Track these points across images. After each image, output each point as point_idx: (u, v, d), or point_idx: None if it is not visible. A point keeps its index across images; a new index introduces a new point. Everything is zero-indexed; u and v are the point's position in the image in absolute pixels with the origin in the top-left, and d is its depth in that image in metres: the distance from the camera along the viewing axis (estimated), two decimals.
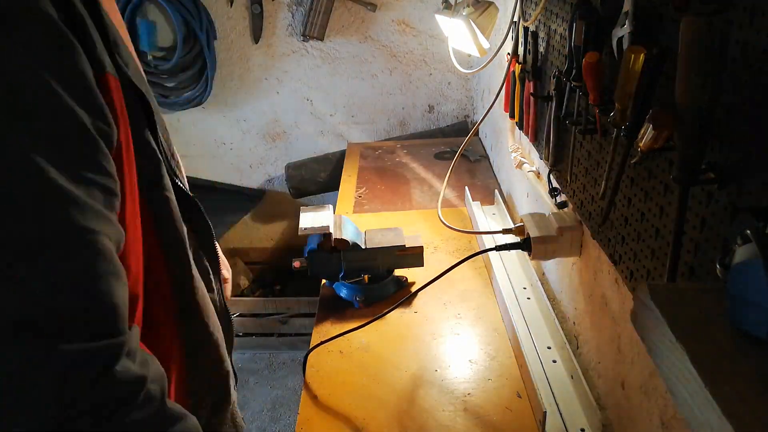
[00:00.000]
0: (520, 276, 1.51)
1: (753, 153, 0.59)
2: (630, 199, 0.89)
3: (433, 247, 1.71)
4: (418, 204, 2.00)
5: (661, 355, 0.47)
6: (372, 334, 1.33)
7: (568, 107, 1.12)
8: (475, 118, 2.71)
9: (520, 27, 1.42)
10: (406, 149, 2.47)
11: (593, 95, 0.92)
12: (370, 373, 1.26)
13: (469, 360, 1.29)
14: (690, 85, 0.59)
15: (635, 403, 0.93)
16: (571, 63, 1.03)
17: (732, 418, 0.37)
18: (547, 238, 1.19)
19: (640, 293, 0.50)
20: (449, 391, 1.20)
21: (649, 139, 0.71)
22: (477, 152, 2.36)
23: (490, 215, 1.83)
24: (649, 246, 0.83)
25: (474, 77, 2.64)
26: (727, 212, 0.63)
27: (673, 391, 0.45)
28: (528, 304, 1.40)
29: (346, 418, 1.15)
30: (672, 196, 0.76)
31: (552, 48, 1.25)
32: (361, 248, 1.44)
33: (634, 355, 0.93)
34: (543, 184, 1.40)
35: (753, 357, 0.43)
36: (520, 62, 1.45)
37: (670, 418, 0.80)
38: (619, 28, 0.84)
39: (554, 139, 1.23)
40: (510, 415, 1.14)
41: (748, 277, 0.44)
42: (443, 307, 1.46)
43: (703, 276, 0.69)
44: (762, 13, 0.56)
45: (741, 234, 0.46)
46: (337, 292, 1.51)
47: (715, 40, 0.55)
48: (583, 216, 1.12)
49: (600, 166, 1.00)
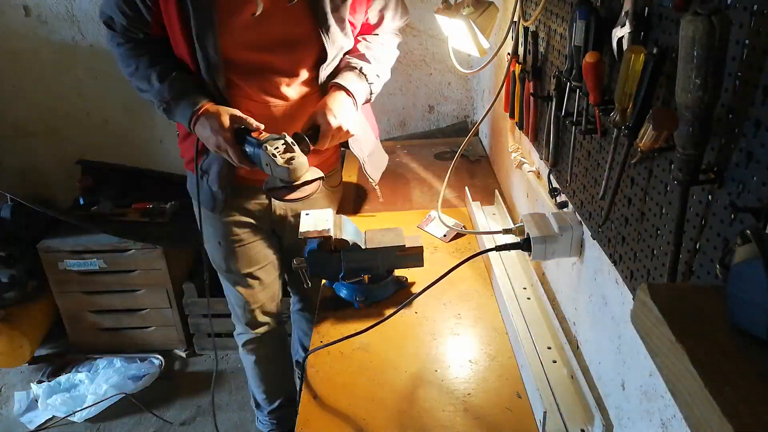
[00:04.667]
0: (520, 276, 1.51)
1: (753, 153, 0.59)
2: (630, 199, 0.89)
3: (433, 247, 1.71)
4: (418, 204, 2.00)
5: (661, 355, 0.46)
6: (372, 335, 1.33)
7: (568, 107, 1.12)
8: (475, 118, 2.71)
9: (520, 27, 1.42)
10: (406, 149, 2.47)
11: (593, 95, 0.92)
12: (370, 373, 1.26)
13: (469, 360, 1.29)
14: (690, 85, 0.59)
15: (635, 404, 0.93)
16: (571, 63, 1.03)
17: (732, 418, 0.37)
18: (547, 238, 1.19)
19: (640, 293, 0.50)
20: (449, 391, 1.20)
21: (649, 139, 0.71)
22: (477, 152, 2.36)
23: (490, 215, 1.83)
24: (649, 246, 0.83)
25: (474, 77, 2.64)
26: (727, 212, 0.63)
27: (673, 391, 0.45)
28: (528, 304, 1.40)
29: (346, 418, 1.15)
30: (672, 196, 0.75)
31: (552, 48, 1.25)
32: (361, 248, 1.44)
33: (634, 355, 0.93)
34: (543, 184, 1.40)
35: (753, 357, 0.43)
36: (520, 62, 1.44)
37: (670, 418, 0.80)
38: (619, 28, 0.84)
39: (554, 139, 1.23)
40: (510, 415, 1.14)
41: (748, 277, 0.43)
42: (443, 307, 1.46)
43: (703, 276, 0.69)
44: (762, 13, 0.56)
45: (741, 234, 0.46)
46: (337, 293, 1.51)
47: (715, 40, 0.55)
48: (583, 216, 1.12)
49: (600, 166, 1.00)
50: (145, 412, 2.36)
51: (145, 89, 1.40)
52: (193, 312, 2.58)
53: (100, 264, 2.47)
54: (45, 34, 2.58)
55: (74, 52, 2.61)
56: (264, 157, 1.28)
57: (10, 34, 2.57)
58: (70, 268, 2.48)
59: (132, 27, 1.36)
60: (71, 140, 2.78)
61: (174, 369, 2.63)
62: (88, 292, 2.56)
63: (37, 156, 2.81)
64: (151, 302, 2.58)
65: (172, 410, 2.39)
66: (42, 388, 2.40)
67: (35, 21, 2.55)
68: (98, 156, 2.78)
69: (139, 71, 1.39)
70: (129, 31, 1.38)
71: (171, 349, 2.69)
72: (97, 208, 2.53)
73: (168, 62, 1.39)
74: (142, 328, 2.64)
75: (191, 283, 2.53)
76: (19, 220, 2.55)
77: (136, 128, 2.77)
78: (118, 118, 2.75)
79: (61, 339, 2.71)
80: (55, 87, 2.68)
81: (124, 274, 2.50)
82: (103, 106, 2.73)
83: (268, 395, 1.93)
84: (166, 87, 1.36)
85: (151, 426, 2.32)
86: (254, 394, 1.94)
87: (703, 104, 0.59)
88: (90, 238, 2.45)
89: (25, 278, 2.54)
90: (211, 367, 2.61)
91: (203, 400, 2.43)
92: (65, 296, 2.57)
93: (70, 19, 2.56)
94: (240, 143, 1.33)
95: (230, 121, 1.31)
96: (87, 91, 2.69)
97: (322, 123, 1.37)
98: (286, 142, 1.29)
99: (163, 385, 2.50)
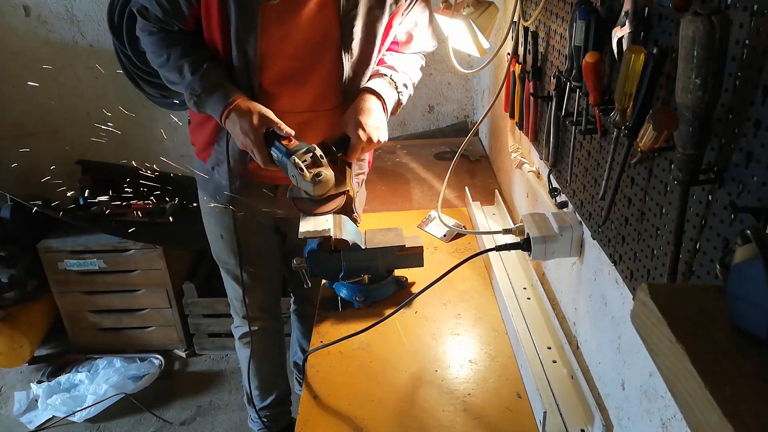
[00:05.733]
0: (520, 276, 1.51)
1: (753, 153, 0.59)
2: (630, 199, 0.89)
3: (433, 247, 1.71)
4: (418, 204, 2.00)
5: (661, 355, 0.46)
6: (372, 335, 1.33)
7: (568, 107, 1.12)
8: (475, 118, 2.71)
9: (520, 27, 1.42)
10: (406, 149, 2.47)
11: (593, 95, 0.92)
12: (370, 373, 1.26)
13: (469, 360, 1.29)
14: (690, 85, 0.59)
15: (635, 403, 0.93)
16: (571, 63, 1.03)
17: (732, 418, 0.37)
18: (547, 238, 1.19)
19: (640, 293, 0.50)
20: (449, 391, 1.20)
21: (649, 139, 0.71)
22: (477, 152, 2.36)
23: (490, 215, 1.83)
24: (649, 246, 0.83)
25: (474, 77, 2.64)
26: (727, 212, 0.63)
27: (673, 391, 0.45)
28: (528, 304, 1.40)
29: (346, 418, 1.15)
30: (672, 196, 0.75)
31: (552, 48, 1.25)
32: (361, 248, 1.44)
33: (634, 355, 0.93)
34: (543, 184, 1.40)
35: (753, 357, 0.43)
36: (520, 62, 1.44)
37: (670, 418, 0.80)
38: (619, 28, 0.84)
39: (554, 139, 1.23)
40: (510, 415, 1.14)
41: (748, 277, 0.43)
42: (443, 307, 1.46)
43: (703, 276, 0.69)
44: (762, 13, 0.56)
45: (741, 234, 0.46)
46: (337, 293, 1.51)
47: (715, 40, 0.55)
48: (583, 216, 1.12)
49: (600, 166, 1.00)
50: (145, 412, 2.36)
51: (175, 81, 1.38)
52: (193, 312, 2.58)
53: (100, 264, 2.47)
54: (45, 34, 2.58)
55: (74, 52, 2.61)
56: (290, 169, 1.24)
57: (10, 34, 2.57)
58: (70, 268, 2.48)
59: (166, 19, 1.35)
60: (71, 140, 2.78)
61: (174, 369, 2.62)
62: (88, 292, 2.56)
63: (37, 156, 2.81)
64: (151, 302, 2.58)
65: (172, 410, 2.39)
66: (42, 388, 2.40)
67: (35, 21, 2.55)
68: (98, 156, 2.78)
69: (170, 62, 1.37)
70: (162, 22, 1.36)
71: (171, 349, 2.69)
72: (97, 208, 2.53)
73: (200, 54, 1.37)
74: (142, 328, 2.64)
75: (191, 283, 2.53)
76: (19, 220, 2.55)
77: (136, 128, 2.77)
78: (118, 118, 2.75)
79: (61, 339, 2.71)
80: (55, 87, 2.68)
81: (124, 274, 2.50)
82: (103, 106, 2.72)
83: (260, 390, 1.93)
84: (197, 79, 1.33)
85: (151, 426, 2.32)
86: (247, 389, 1.94)
87: (703, 104, 0.59)
88: (90, 238, 2.45)
89: (25, 278, 2.54)
90: (211, 367, 2.62)
91: (203, 400, 2.43)
92: (65, 296, 2.57)
93: (70, 19, 2.56)
94: (268, 145, 1.31)
95: (261, 123, 1.29)
96: (87, 91, 2.69)
97: (352, 136, 1.34)
98: (315, 155, 1.25)
99: (163, 385, 2.50)
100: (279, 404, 1.97)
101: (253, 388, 1.93)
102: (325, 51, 1.38)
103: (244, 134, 1.30)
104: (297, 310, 2.02)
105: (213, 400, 2.43)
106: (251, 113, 1.30)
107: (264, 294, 1.78)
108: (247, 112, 1.30)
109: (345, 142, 1.34)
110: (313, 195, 1.26)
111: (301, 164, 1.23)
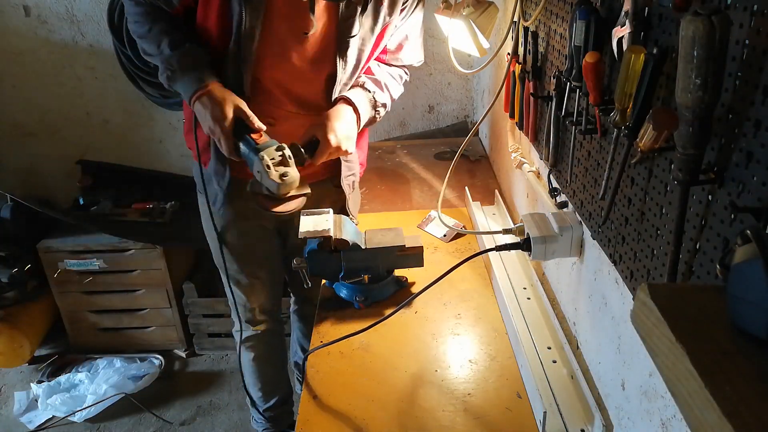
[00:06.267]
0: (520, 276, 1.51)
1: (753, 153, 0.59)
2: (630, 199, 0.89)
3: (433, 247, 1.71)
4: (418, 204, 2.00)
5: (661, 355, 0.46)
6: (372, 335, 1.33)
7: (568, 107, 1.12)
8: (475, 118, 2.71)
9: (520, 27, 1.42)
10: (406, 149, 2.47)
11: (593, 95, 0.92)
12: (370, 373, 1.26)
13: (469, 360, 1.29)
14: (690, 85, 0.59)
15: (635, 403, 0.93)
16: (571, 63, 1.03)
17: (732, 418, 0.37)
18: (547, 238, 1.19)
19: (640, 293, 0.50)
20: (449, 391, 1.20)
21: (649, 139, 0.71)
22: (477, 152, 2.36)
23: (490, 215, 1.83)
24: (649, 246, 0.83)
25: (474, 77, 2.64)
26: (727, 212, 0.63)
27: (673, 391, 0.45)
28: (528, 304, 1.40)
29: (346, 418, 1.15)
30: (672, 196, 0.75)
31: (552, 48, 1.25)
32: (361, 248, 1.44)
33: (634, 355, 0.93)
34: (543, 184, 1.40)
35: (753, 357, 0.43)
36: (520, 62, 1.44)
37: (670, 418, 0.80)
38: (619, 28, 0.84)
39: (554, 139, 1.23)
40: (510, 415, 1.14)
41: (748, 277, 0.43)
42: (443, 307, 1.46)
43: (703, 276, 0.69)
44: (762, 13, 0.56)
45: (741, 234, 0.46)
46: (337, 293, 1.51)
47: (715, 40, 0.55)
48: (583, 216, 1.12)
49: (600, 166, 1.00)
50: (145, 412, 2.36)
51: (152, 53, 1.37)
52: (193, 312, 2.58)
53: (100, 264, 2.47)
54: (45, 34, 2.58)
55: (74, 52, 2.61)
56: (257, 165, 1.25)
57: (10, 34, 2.57)
58: (70, 268, 2.48)
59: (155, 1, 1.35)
60: (71, 140, 2.78)
61: (174, 369, 2.62)
62: (88, 292, 2.56)
63: (37, 156, 2.81)
64: (151, 302, 2.58)
65: (172, 410, 2.39)
66: (42, 388, 2.40)
67: (35, 21, 2.55)
68: (98, 156, 2.78)
69: (151, 33, 1.36)
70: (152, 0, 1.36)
71: (171, 349, 2.69)
72: (97, 208, 2.53)
73: (184, 34, 1.36)
74: (142, 328, 2.64)
75: (191, 283, 2.53)
76: (19, 220, 2.55)
77: (136, 128, 2.77)
78: (118, 118, 2.75)
79: (61, 339, 2.71)
80: (55, 87, 2.68)
81: (124, 274, 2.50)
82: (103, 106, 2.73)
83: (263, 393, 1.93)
84: (176, 55, 1.32)
85: (151, 426, 2.32)
86: (250, 392, 1.94)
87: (703, 104, 0.59)
88: (90, 238, 2.45)
89: (25, 278, 2.54)
90: (211, 367, 2.62)
91: (203, 400, 2.43)
92: (65, 296, 2.57)
93: (70, 19, 2.56)
94: (236, 137, 1.30)
95: (233, 112, 1.29)
96: (87, 91, 2.69)
97: (322, 140, 1.34)
98: (284, 154, 1.26)
99: (162, 385, 2.50)
100: (282, 404, 1.97)
101: (257, 390, 1.92)
102: (322, 56, 1.38)
103: (215, 120, 1.29)
104: (297, 311, 2.02)
105: (213, 400, 2.43)
106: (224, 101, 1.30)
107: (265, 297, 1.77)
108: (220, 100, 1.30)
109: (314, 146, 1.34)
110: (276, 193, 1.26)
111: (269, 162, 1.24)
